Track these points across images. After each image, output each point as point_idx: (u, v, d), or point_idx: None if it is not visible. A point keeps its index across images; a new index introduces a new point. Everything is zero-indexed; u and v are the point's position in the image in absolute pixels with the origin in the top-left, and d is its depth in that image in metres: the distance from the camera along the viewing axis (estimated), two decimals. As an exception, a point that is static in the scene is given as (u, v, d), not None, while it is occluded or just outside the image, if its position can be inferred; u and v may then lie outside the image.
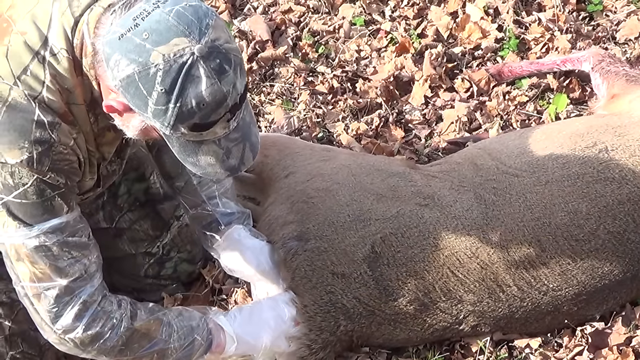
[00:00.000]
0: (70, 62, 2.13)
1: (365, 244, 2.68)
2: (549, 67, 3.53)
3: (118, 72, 1.97)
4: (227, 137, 2.08)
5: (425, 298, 2.67)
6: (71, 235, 2.29)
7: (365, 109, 3.52)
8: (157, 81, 1.94)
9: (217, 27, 1.99)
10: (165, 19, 1.94)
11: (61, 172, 2.22)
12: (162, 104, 1.96)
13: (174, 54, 1.93)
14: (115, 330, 2.37)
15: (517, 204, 2.70)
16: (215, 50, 1.96)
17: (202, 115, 1.99)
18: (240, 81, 2.02)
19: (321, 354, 2.71)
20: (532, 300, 2.69)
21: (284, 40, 3.82)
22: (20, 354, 2.71)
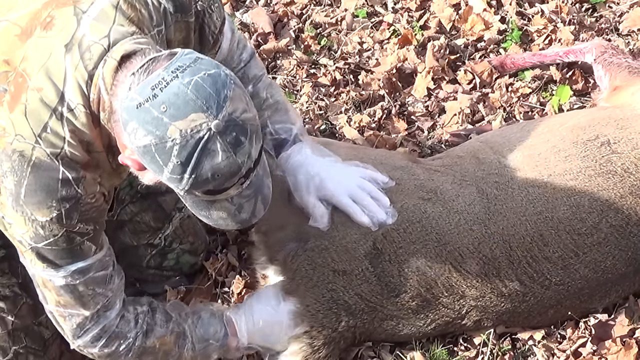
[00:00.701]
0: (88, 117, 2.12)
1: (367, 240, 2.67)
2: (551, 59, 3.52)
3: (135, 139, 1.98)
4: (240, 194, 2.12)
5: (428, 294, 2.67)
6: (97, 272, 2.36)
7: (367, 101, 3.52)
8: (173, 154, 1.96)
9: (235, 98, 2.00)
10: (183, 92, 1.95)
11: (90, 220, 2.26)
12: (178, 173, 1.99)
13: (191, 130, 1.94)
14: (130, 348, 2.49)
15: (519, 198, 2.69)
16: (232, 124, 1.98)
17: (216, 184, 2.03)
18: (255, 147, 2.05)
19: (324, 351, 2.72)
20: (535, 294, 2.69)
21: (286, 33, 3.82)
22: (23, 349, 2.71)
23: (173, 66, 1.98)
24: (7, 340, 2.69)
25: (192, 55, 2.02)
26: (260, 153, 2.09)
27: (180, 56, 2.01)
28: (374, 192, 2.72)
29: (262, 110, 2.71)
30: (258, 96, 2.70)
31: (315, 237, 2.70)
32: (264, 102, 2.71)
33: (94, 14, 2.14)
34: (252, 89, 2.69)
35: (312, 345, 2.71)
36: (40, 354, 2.75)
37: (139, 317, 2.51)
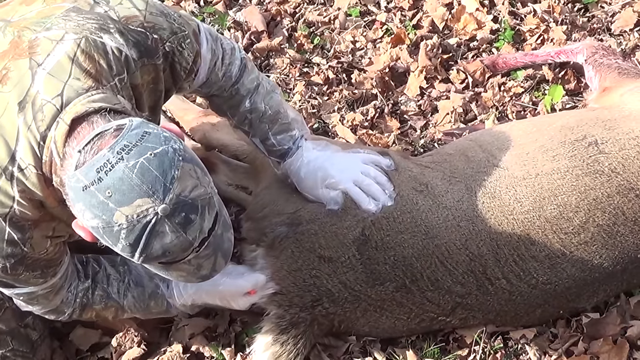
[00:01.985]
0: (39, 178, 2.09)
1: (357, 227, 2.69)
2: (543, 59, 3.53)
3: (84, 219, 1.97)
4: (197, 256, 2.07)
5: (413, 286, 2.68)
6: (43, 292, 2.43)
7: (360, 100, 3.53)
8: (121, 237, 1.93)
9: (184, 176, 1.96)
10: (128, 176, 1.90)
11: (37, 268, 2.31)
12: (128, 252, 1.97)
13: (137, 215, 1.91)
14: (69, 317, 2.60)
15: (506, 196, 2.70)
16: (181, 204, 1.94)
17: (169, 259, 2.02)
18: (209, 219, 2.02)
19: (293, 331, 2.73)
20: (522, 293, 2.70)
21: (279, 31, 3.82)
22: (10, 352, 2.72)
23: (119, 145, 1.93)
24: None
25: (140, 130, 1.97)
26: (215, 221, 2.04)
27: (126, 132, 1.95)
28: (378, 176, 2.75)
29: (263, 123, 2.72)
30: (257, 110, 2.70)
31: (307, 221, 2.73)
32: (262, 115, 2.70)
33: (49, 66, 2.10)
34: (249, 105, 2.69)
35: (280, 325, 2.73)
36: (29, 355, 2.76)
37: (78, 295, 2.56)
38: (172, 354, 2.83)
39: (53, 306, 2.52)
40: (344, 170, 2.76)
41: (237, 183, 3.19)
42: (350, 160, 2.80)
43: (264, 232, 2.79)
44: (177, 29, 2.34)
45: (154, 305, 2.69)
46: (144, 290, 2.66)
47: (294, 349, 2.72)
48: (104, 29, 2.18)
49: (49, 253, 2.29)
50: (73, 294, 2.55)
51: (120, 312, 2.66)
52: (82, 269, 2.60)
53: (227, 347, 2.87)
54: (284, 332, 2.72)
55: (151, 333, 2.93)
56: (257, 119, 2.71)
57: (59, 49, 2.12)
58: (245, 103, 2.69)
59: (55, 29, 2.15)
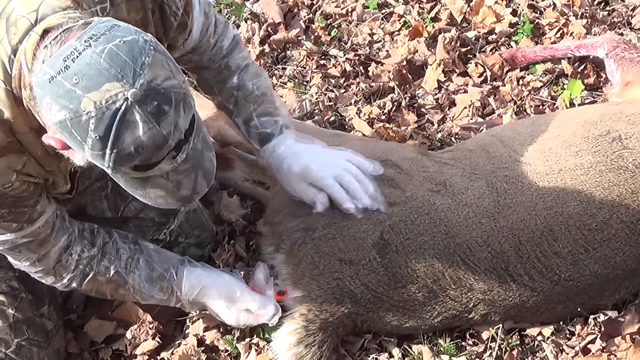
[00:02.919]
0: (8, 94, 2.03)
1: (375, 231, 2.66)
2: (562, 53, 3.50)
3: (51, 115, 1.88)
4: (176, 169, 2.01)
5: (435, 285, 2.66)
6: (23, 240, 2.36)
7: (377, 92, 3.50)
8: (90, 128, 1.85)
9: (155, 64, 1.88)
10: (96, 61, 1.83)
11: (3, 205, 2.21)
12: (98, 149, 1.88)
13: (106, 101, 1.83)
14: (66, 286, 2.56)
15: (529, 192, 2.67)
16: (153, 92, 1.86)
17: (142, 159, 1.92)
18: (184, 117, 1.93)
19: (320, 335, 2.71)
20: (544, 289, 2.67)
21: (296, 23, 3.80)
22: (25, 341, 2.70)
23: (87, 35, 1.86)
24: (9, 333, 2.68)
25: (109, 22, 1.91)
26: (192, 123, 1.97)
27: (95, 25, 1.90)
28: (359, 175, 2.69)
29: (248, 102, 2.68)
30: (244, 88, 2.67)
31: (323, 226, 2.70)
32: (249, 94, 2.67)
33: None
34: (237, 81, 2.66)
35: (308, 329, 2.70)
36: (44, 345, 2.75)
37: (81, 262, 2.51)
38: (186, 347, 2.81)
39: (47, 265, 2.46)
40: (325, 165, 2.70)
41: (253, 178, 3.16)
42: (333, 156, 2.74)
43: (281, 238, 2.77)
44: None
45: (158, 289, 2.65)
46: (152, 272, 2.63)
47: (318, 351, 2.70)
48: None
49: (15, 189, 2.18)
50: (74, 260, 2.50)
51: (122, 289, 2.61)
52: (90, 236, 2.56)
53: (241, 341, 2.84)
54: (310, 335, 2.70)
55: (166, 326, 2.90)
56: (243, 97, 2.67)
57: None
58: (233, 79, 2.65)
59: None
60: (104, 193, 2.83)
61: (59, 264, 2.49)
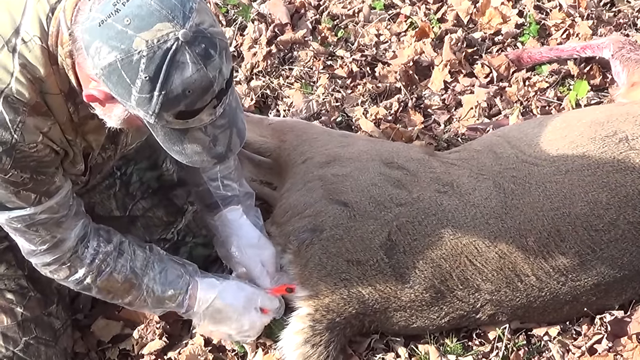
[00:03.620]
0: (43, 51, 2.07)
1: (382, 232, 2.66)
2: (568, 54, 3.51)
3: (99, 60, 1.90)
4: (214, 123, 2.04)
5: (442, 286, 2.66)
6: (42, 217, 2.34)
7: (384, 93, 3.51)
8: (140, 68, 1.88)
9: (202, 11, 1.93)
10: (147, 3, 1.87)
11: (26, 169, 2.21)
12: (147, 91, 1.91)
13: (157, 40, 1.87)
14: (79, 281, 2.53)
15: (536, 193, 2.68)
16: (201, 35, 1.90)
17: (188, 103, 1.94)
18: (227, 66, 1.97)
19: (327, 335, 2.70)
20: (551, 290, 2.67)
21: (303, 24, 3.81)
22: (34, 340, 2.71)
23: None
24: (17, 332, 2.69)
25: None
26: (231, 75, 2.00)
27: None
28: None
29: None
30: None
31: (330, 227, 2.70)
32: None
33: None
34: None
35: (314, 329, 2.70)
36: (52, 344, 2.75)
37: (97, 257, 2.51)
38: (194, 347, 2.81)
39: (62, 253, 2.45)
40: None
41: (261, 179, 3.16)
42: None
43: (288, 238, 2.77)
44: None
45: (170, 295, 2.64)
46: (167, 276, 2.63)
47: (325, 351, 2.70)
48: None
49: (39, 152, 2.20)
50: (90, 253, 2.49)
51: (136, 290, 2.60)
52: (106, 234, 2.56)
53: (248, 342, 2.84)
54: (317, 334, 2.69)
55: (173, 325, 2.90)
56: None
57: None
58: None
59: None
60: (112, 192, 2.84)
61: (74, 255, 2.48)
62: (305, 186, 2.84)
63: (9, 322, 2.69)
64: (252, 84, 3.54)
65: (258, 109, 3.51)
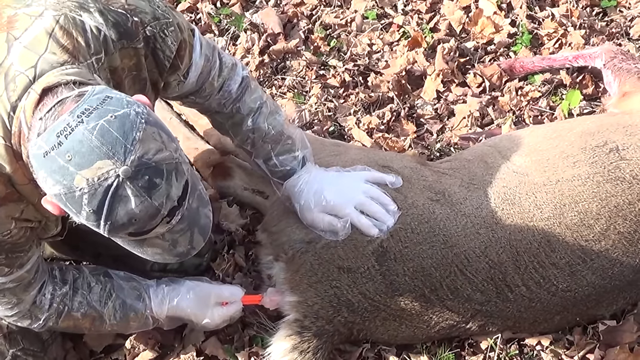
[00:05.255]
0: (7, 149, 2.05)
1: (375, 239, 2.66)
2: (561, 63, 3.52)
3: (47, 187, 1.91)
4: (171, 230, 2.03)
5: (432, 295, 2.67)
6: (9, 285, 2.37)
7: (376, 103, 3.51)
8: (84, 202, 1.88)
9: (146, 139, 1.90)
10: (87, 138, 1.85)
11: (1, 252, 2.24)
12: (93, 220, 1.91)
13: (98, 178, 1.86)
14: (43, 326, 2.56)
15: (526, 203, 2.68)
16: (144, 167, 1.89)
17: (137, 228, 1.95)
18: (177, 186, 1.96)
19: (315, 342, 2.71)
20: (541, 300, 2.68)
21: (295, 33, 3.81)
22: (21, 351, 2.70)
23: (79, 109, 1.89)
24: (4, 344, 2.69)
25: (101, 94, 1.93)
26: (185, 189, 1.99)
27: (88, 97, 1.92)
28: (381, 197, 2.70)
29: (266, 143, 2.71)
30: (259, 130, 2.69)
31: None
32: (265, 135, 2.69)
33: (26, 41, 2.07)
34: (251, 124, 2.68)
35: (302, 335, 2.71)
36: (40, 355, 2.75)
37: (55, 301, 2.53)
38: (186, 357, 2.81)
39: (23, 308, 2.48)
40: (344, 193, 2.72)
41: (253, 187, 3.16)
42: (352, 182, 2.75)
43: (282, 247, 2.77)
44: (160, 15, 2.30)
45: (133, 317, 2.66)
46: (125, 301, 2.64)
47: (313, 358, 2.70)
48: (84, 8, 2.15)
49: (14, 236, 2.21)
50: (48, 299, 2.52)
51: (99, 322, 2.62)
52: (60, 274, 2.58)
53: (241, 350, 2.86)
54: (305, 341, 2.70)
55: (165, 335, 2.90)
56: (259, 138, 2.70)
57: (37, 24, 2.09)
58: (247, 122, 2.68)
59: (35, 5, 2.13)
60: None
61: (33, 306, 2.50)
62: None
63: None
64: (245, 94, 3.53)
65: (251, 119, 3.49)
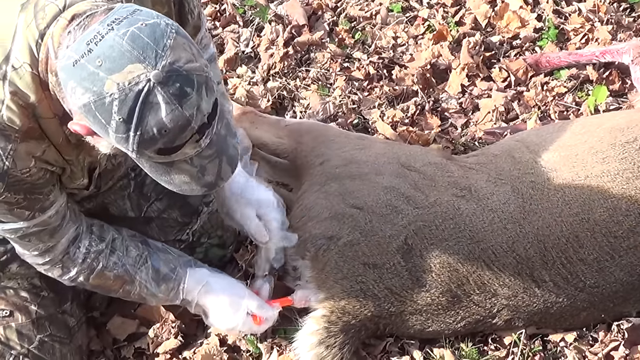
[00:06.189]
0: (34, 77, 2.04)
1: (399, 236, 2.66)
2: (587, 59, 3.49)
3: (76, 99, 1.89)
4: (200, 154, 2.01)
5: (459, 290, 2.66)
6: (35, 229, 2.35)
7: (401, 96, 3.49)
8: (114, 110, 1.85)
9: (177, 47, 1.89)
10: (118, 43, 1.84)
11: (19, 191, 2.21)
12: (122, 132, 1.88)
13: (128, 82, 1.84)
14: (73, 279, 2.55)
15: (555, 198, 2.67)
16: (175, 74, 1.86)
17: (166, 141, 1.91)
18: (207, 100, 1.93)
19: (341, 337, 2.70)
20: (568, 296, 2.66)
21: (320, 25, 3.80)
22: (48, 337, 2.72)
23: (109, 19, 1.88)
24: (32, 329, 2.70)
25: (131, 7, 1.93)
26: (214, 107, 1.96)
27: (118, 9, 1.91)
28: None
29: None
30: None
31: (347, 233, 2.70)
32: None
33: None
34: None
35: (329, 330, 2.69)
36: (66, 341, 2.76)
37: (89, 256, 2.52)
38: (209, 347, 2.81)
39: (54, 256, 2.46)
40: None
41: (277, 180, 3.16)
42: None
43: (305, 245, 2.76)
44: None
45: (164, 288, 2.64)
46: (159, 270, 2.63)
47: (339, 352, 2.69)
48: None
49: (32, 175, 2.19)
50: (82, 253, 2.50)
51: (129, 286, 2.61)
52: (98, 231, 2.56)
53: (264, 342, 2.85)
54: (332, 336, 2.69)
55: (189, 325, 2.91)
56: None
57: None
58: None
59: None
60: (127, 192, 2.82)
61: (66, 256, 2.49)
62: (322, 189, 2.83)
63: (23, 320, 2.70)
64: (269, 85, 3.53)
65: (274, 110, 3.49)
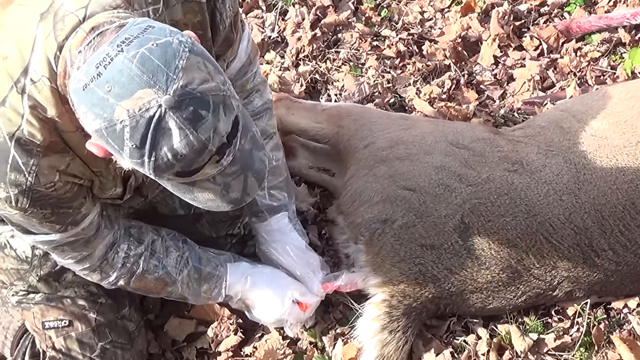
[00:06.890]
0: (53, 91, 1.96)
1: (455, 215, 2.65)
2: (618, 22, 3.47)
3: (88, 124, 1.82)
4: (223, 172, 1.90)
5: (519, 265, 2.65)
6: (67, 241, 2.33)
7: (434, 71, 3.47)
8: (126, 137, 1.77)
9: (190, 67, 1.78)
10: (127, 67, 1.75)
11: (46, 206, 2.16)
12: (137, 157, 1.80)
13: (139, 109, 1.75)
14: (113, 283, 2.55)
15: (608, 166, 2.66)
16: (188, 97, 1.76)
17: (183, 165, 1.83)
18: (225, 120, 1.82)
19: (403, 320, 2.70)
20: (628, 263, 2.66)
21: (345, 5, 3.77)
22: (110, 344, 2.71)
23: (119, 39, 1.79)
24: (93, 337, 2.70)
25: (143, 24, 1.83)
26: (235, 126, 1.85)
27: (128, 27, 1.82)
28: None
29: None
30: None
31: (402, 216, 2.69)
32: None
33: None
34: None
35: (391, 315, 2.69)
36: (128, 347, 2.75)
37: (128, 261, 2.50)
38: (271, 341, 2.81)
39: (91, 263, 2.44)
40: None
41: (318, 166, 3.14)
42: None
43: (359, 229, 2.76)
44: None
45: (206, 288, 2.64)
46: (201, 270, 2.62)
47: (403, 336, 2.69)
48: None
49: (58, 190, 2.12)
50: (121, 257, 2.48)
51: (171, 288, 2.60)
52: (137, 233, 2.55)
53: (326, 334, 2.84)
54: (394, 320, 2.69)
55: (246, 320, 2.88)
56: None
57: None
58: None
59: None
60: None
61: (104, 262, 2.47)
62: (370, 172, 2.81)
63: (83, 329, 2.69)
64: (300, 70, 3.50)
65: (308, 95, 3.47)
